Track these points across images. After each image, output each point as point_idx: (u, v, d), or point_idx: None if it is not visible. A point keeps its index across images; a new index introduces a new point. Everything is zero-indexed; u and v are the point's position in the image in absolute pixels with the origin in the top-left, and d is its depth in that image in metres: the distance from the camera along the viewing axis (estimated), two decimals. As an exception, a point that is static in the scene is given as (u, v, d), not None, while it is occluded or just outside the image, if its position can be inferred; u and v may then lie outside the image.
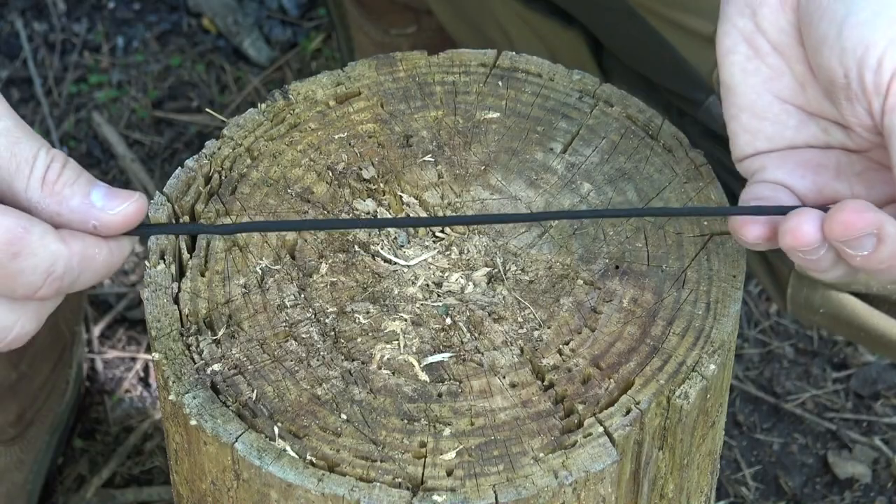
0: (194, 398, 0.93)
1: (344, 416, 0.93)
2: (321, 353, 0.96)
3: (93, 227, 0.87)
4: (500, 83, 1.13)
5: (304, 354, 0.96)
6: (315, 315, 0.99)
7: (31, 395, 1.62)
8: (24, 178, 0.85)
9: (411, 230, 1.04)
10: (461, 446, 0.91)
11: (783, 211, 0.92)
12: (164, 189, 1.04)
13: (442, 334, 0.98)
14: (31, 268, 0.84)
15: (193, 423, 0.92)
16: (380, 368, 0.96)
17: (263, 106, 1.11)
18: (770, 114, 0.94)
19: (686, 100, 1.26)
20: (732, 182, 1.25)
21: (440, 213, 1.05)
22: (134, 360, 1.88)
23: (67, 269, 0.86)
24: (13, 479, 1.64)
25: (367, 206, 1.05)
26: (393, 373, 0.95)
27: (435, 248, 1.03)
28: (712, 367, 0.96)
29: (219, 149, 1.07)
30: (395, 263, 1.02)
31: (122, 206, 0.87)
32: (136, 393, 1.85)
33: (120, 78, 2.16)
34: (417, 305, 0.99)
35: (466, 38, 1.55)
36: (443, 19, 1.62)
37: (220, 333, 0.97)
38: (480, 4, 1.45)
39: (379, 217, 1.04)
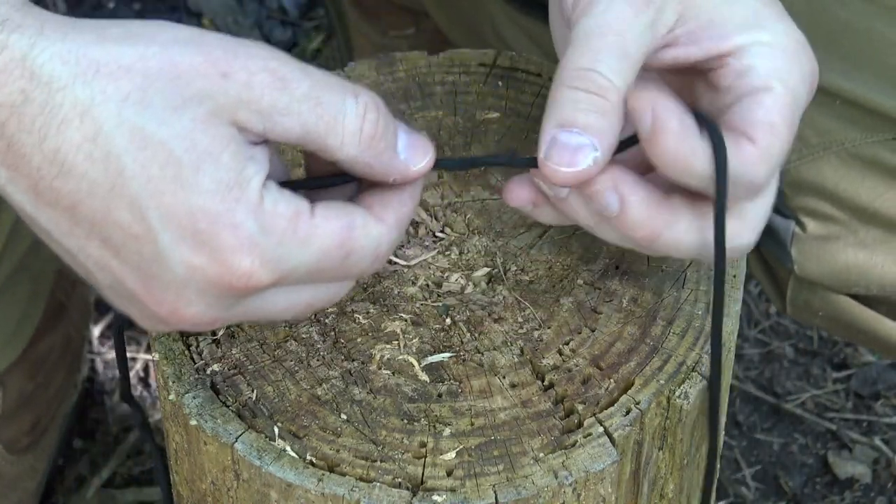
0: (194, 398, 0.93)
1: (344, 416, 0.93)
2: (321, 353, 0.96)
3: (392, 181, 0.85)
4: (500, 83, 1.13)
5: (304, 354, 0.96)
6: (315, 315, 0.99)
7: (46, 403, 1.62)
8: (338, 135, 0.82)
9: (411, 230, 1.04)
10: (461, 446, 0.91)
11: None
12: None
13: (442, 334, 0.98)
14: (360, 258, 0.84)
15: (193, 423, 0.93)
16: (380, 368, 0.96)
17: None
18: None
19: None
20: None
21: (440, 213, 1.05)
22: (134, 360, 1.88)
23: (391, 244, 0.86)
24: (25, 486, 1.64)
25: (367, 206, 1.05)
26: (393, 373, 0.95)
27: (435, 249, 1.03)
28: (712, 367, 0.96)
29: (219, 149, 1.07)
30: (395, 263, 1.02)
31: (423, 163, 0.86)
32: (136, 393, 1.85)
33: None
34: (417, 305, 0.99)
35: (463, 40, 1.55)
36: (440, 22, 1.62)
37: (220, 333, 0.97)
38: (476, 8, 1.45)
39: None
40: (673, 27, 0.90)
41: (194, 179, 0.79)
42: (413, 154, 0.86)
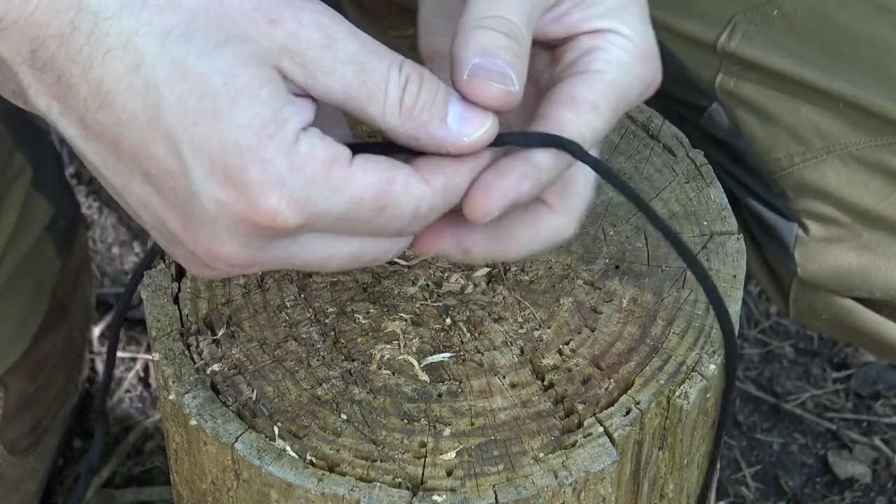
0: (194, 398, 0.93)
1: (344, 416, 0.93)
2: (321, 353, 0.96)
3: (446, 153, 0.83)
4: (500, 83, 1.13)
5: (304, 354, 0.96)
6: (315, 315, 0.99)
7: (47, 404, 1.62)
8: (379, 104, 0.80)
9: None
10: (461, 446, 0.91)
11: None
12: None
13: (442, 334, 0.98)
14: (397, 215, 0.82)
15: (193, 423, 0.93)
16: (380, 368, 0.96)
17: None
18: None
19: (688, 106, 1.26)
20: (733, 185, 1.25)
21: (440, 213, 1.05)
22: (134, 360, 1.88)
23: (432, 208, 0.83)
24: (27, 488, 1.64)
25: (367, 206, 1.05)
26: (393, 373, 0.95)
27: (435, 248, 1.03)
28: (712, 367, 0.96)
29: (219, 149, 1.07)
30: (395, 263, 1.02)
31: (477, 133, 0.83)
32: (136, 393, 1.85)
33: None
34: (417, 305, 0.99)
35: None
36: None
37: (220, 333, 0.97)
38: None
39: None
40: (554, 3, 0.90)
41: (230, 113, 0.78)
42: (466, 125, 0.83)
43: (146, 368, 1.87)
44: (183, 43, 0.78)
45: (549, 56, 0.92)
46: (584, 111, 0.87)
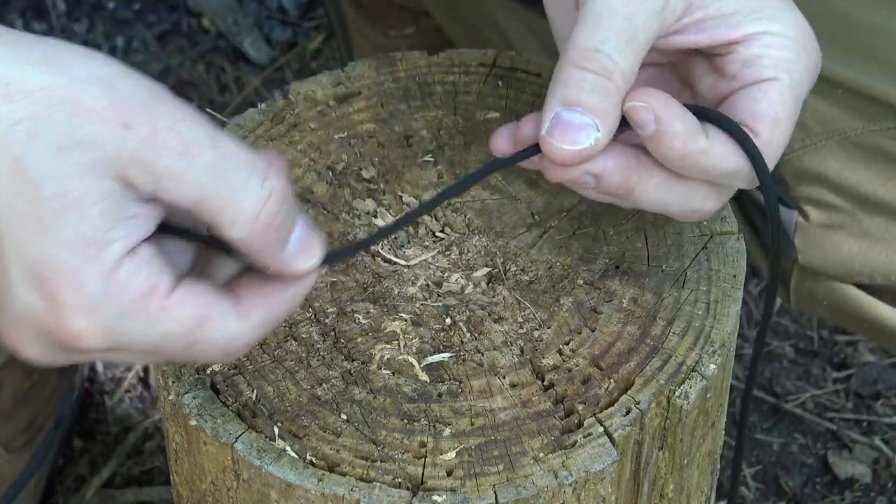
0: (194, 398, 0.93)
1: (344, 416, 0.93)
2: (321, 353, 0.96)
3: (269, 272, 0.82)
4: (500, 83, 1.13)
5: (304, 354, 0.96)
6: (315, 315, 0.99)
7: (42, 401, 1.62)
8: (231, 214, 0.78)
9: (411, 230, 1.04)
10: (461, 446, 0.91)
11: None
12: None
13: (442, 334, 0.98)
14: (208, 350, 0.81)
15: (193, 423, 0.93)
16: (380, 368, 0.96)
17: (263, 106, 1.11)
18: None
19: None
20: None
21: (440, 213, 1.05)
22: (134, 360, 1.88)
23: (247, 343, 0.82)
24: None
25: (367, 206, 1.05)
26: (393, 373, 0.95)
27: (435, 249, 1.03)
28: (712, 367, 0.96)
29: (219, 149, 1.07)
30: (396, 263, 1.02)
31: (310, 263, 0.82)
32: (136, 393, 1.85)
33: (120, 78, 2.16)
34: (417, 305, 0.99)
35: (464, 39, 1.55)
36: (440, 20, 1.62)
37: (220, 333, 0.97)
38: (477, 5, 1.45)
39: (379, 216, 1.04)
40: (681, 16, 0.91)
41: (54, 225, 0.76)
42: (301, 253, 0.82)
43: (146, 368, 1.87)
44: (26, 140, 0.76)
45: (707, 63, 0.94)
46: (764, 131, 0.90)
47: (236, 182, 0.78)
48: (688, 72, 0.95)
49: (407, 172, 1.07)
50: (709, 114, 0.90)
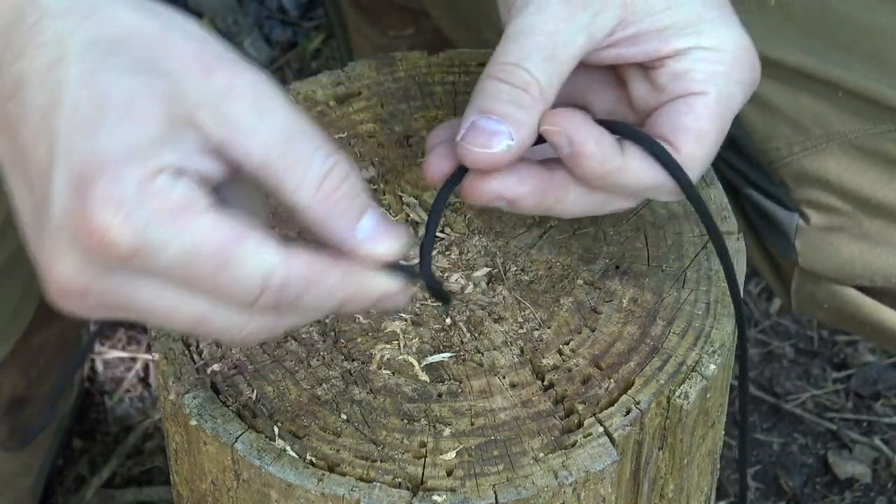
0: (194, 398, 0.93)
1: (344, 416, 0.93)
2: (321, 353, 0.96)
3: (341, 249, 0.81)
4: (500, 83, 1.13)
5: (304, 354, 0.96)
6: (315, 315, 0.99)
7: (40, 401, 1.62)
8: (296, 179, 0.78)
9: (411, 230, 1.03)
10: (461, 446, 0.91)
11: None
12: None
13: (442, 334, 0.98)
14: (242, 279, 0.78)
15: (193, 423, 0.93)
16: (380, 368, 0.96)
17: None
18: None
19: None
20: (733, 175, 1.25)
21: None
22: (134, 360, 1.88)
23: (284, 284, 0.79)
24: (21, 484, 1.64)
25: (367, 206, 1.05)
26: (393, 373, 0.95)
27: (435, 248, 1.03)
28: (712, 367, 0.96)
29: (219, 149, 1.07)
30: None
31: (383, 249, 0.82)
32: (136, 393, 1.85)
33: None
34: (417, 305, 0.99)
35: (463, 39, 1.55)
36: (440, 21, 1.62)
37: (220, 333, 0.97)
38: (477, 5, 1.45)
39: None
40: (613, 30, 0.91)
41: (111, 128, 0.76)
42: (374, 240, 0.81)
43: (146, 368, 1.87)
44: (104, 55, 0.77)
45: (643, 73, 0.94)
46: (686, 146, 0.91)
47: (304, 149, 0.79)
48: (624, 78, 0.96)
49: (407, 172, 1.07)
50: (625, 130, 0.90)
